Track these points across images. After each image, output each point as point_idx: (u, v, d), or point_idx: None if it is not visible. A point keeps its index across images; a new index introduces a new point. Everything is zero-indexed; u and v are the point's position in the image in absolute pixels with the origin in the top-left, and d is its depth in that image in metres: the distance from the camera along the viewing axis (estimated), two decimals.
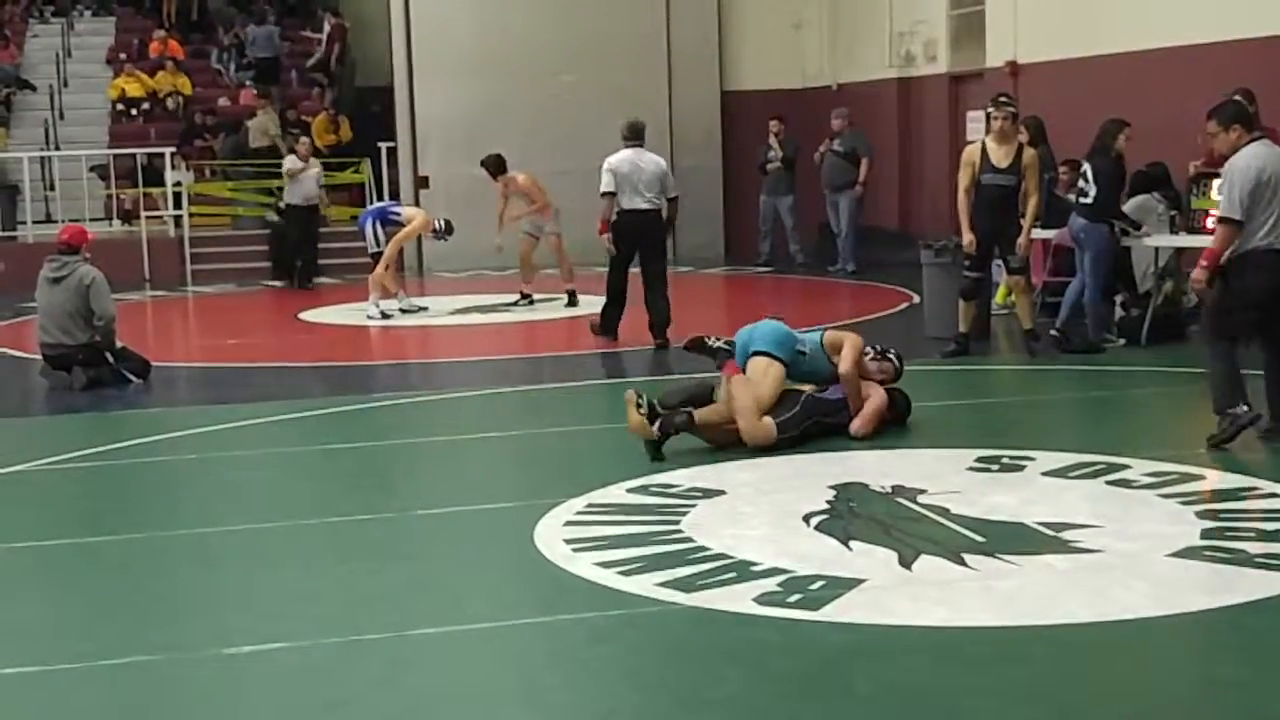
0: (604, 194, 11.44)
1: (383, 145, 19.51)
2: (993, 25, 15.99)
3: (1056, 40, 14.80)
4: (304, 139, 17.15)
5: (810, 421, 7.53)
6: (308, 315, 14.42)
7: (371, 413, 9.16)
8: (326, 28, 23.75)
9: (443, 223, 14.21)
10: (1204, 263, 7.10)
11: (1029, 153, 10.34)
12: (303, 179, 16.38)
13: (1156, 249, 10.92)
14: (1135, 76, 13.26)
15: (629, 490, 6.65)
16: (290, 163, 16.58)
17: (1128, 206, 10.99)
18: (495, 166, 14.24)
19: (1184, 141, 11.59)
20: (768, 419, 7.42)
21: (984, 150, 10.23)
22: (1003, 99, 10.41)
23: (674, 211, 11.69)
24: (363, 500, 6.70)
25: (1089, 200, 10.64)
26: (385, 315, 13.73)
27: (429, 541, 6.02)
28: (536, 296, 14.50)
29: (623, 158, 11.45)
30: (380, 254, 13.80)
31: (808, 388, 7.73)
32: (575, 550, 5.64)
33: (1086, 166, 10.75)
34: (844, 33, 19.03)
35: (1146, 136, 11.27)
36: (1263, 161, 7.00)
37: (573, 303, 14.28)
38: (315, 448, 8.18)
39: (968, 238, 10.28)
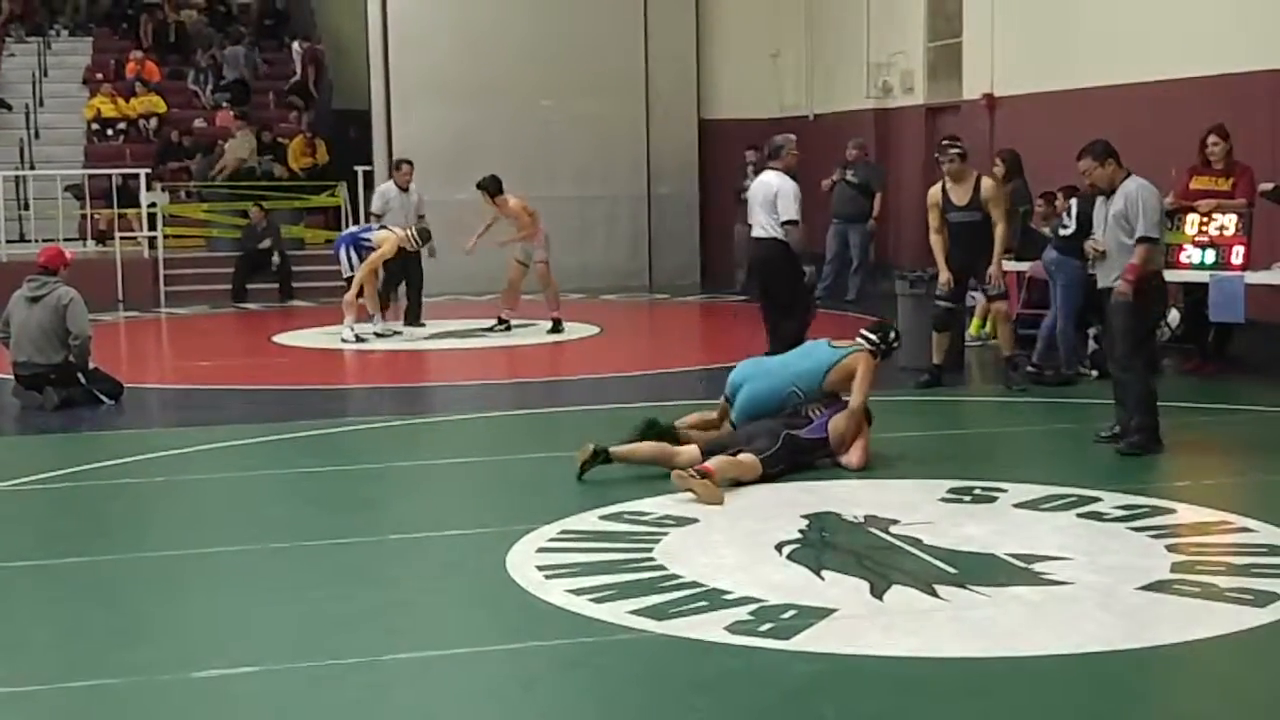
0: (791, 221, 10.70)
1: (359, 169, 19.53)
2: (969, 58, 16.14)
3: (1032, 73, 14.94)
4: (405, 164, 14.93)
5: (786, 465, 7.53)
6: (282, 338, 14.40)
7: (345, 436, 9.15)
8: (298, 50, 23.78)
9: (416, 234, 14.14)
10: (1129, 277, 7.69)
11: (986, 185, 10.43)
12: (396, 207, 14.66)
13: None
14: (1110, 111, 13.38)
15: (602, 517, 6.66)
16: (383, 194, 14.79)
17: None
18: (494, 187, 14.19)
19: (1158, 176, 11.66)
20: (747, 456, 7.40)
21: (944, 190, 10.38)
22: (945, 142, 10.55)
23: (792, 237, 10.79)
24: (336, 524, 6.69)
25: (1067, 233, 10.74)
26: (360, 338, 13.72)
27: (402, 566, 6.02)
28: (515, 322, 14.51)
29: (753, 183, 11.12)
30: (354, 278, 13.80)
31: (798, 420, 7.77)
32: (547, 577, 5.65)
33: (1073, 201, 10.86)
34: (821, 63, 19.17)
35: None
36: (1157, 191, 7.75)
37: (557, 329, 14.28)
38: (288, 471, 8.16)
39: (944, 275, 10.38)
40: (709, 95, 20.08)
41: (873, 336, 7.91)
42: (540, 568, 5.78)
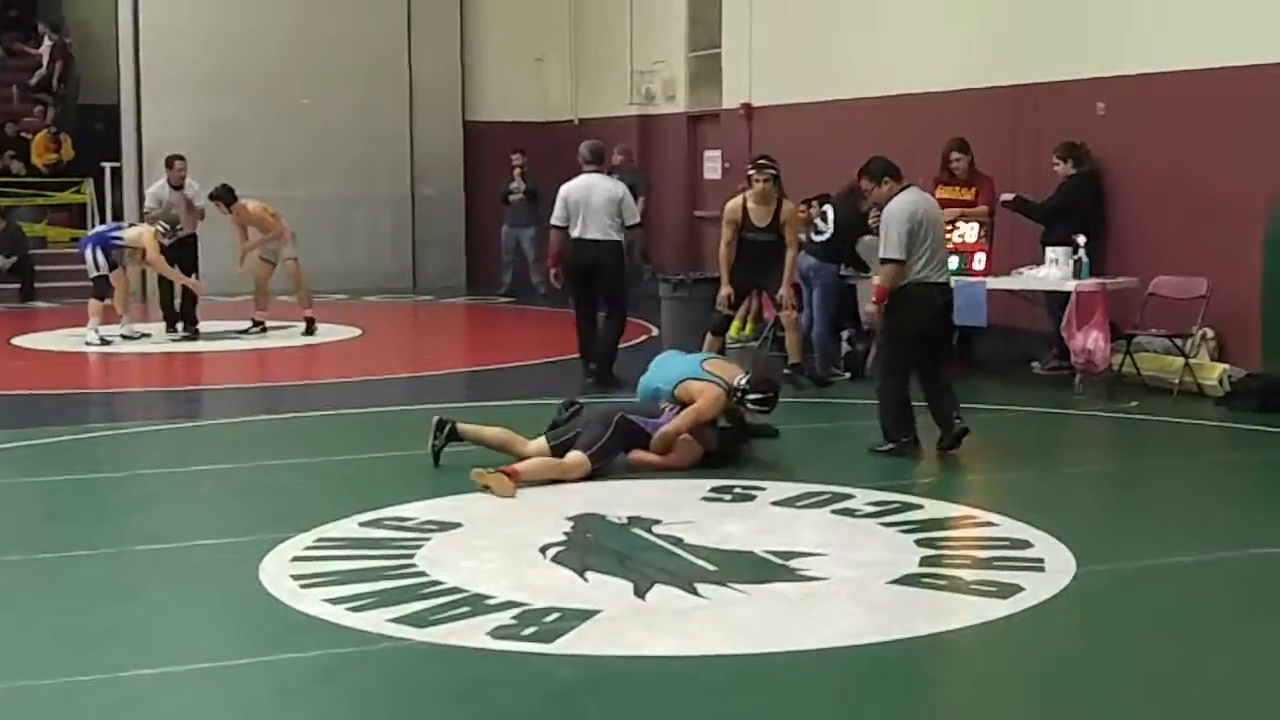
0: (554, 226, 10.85)
1: (107, 165, 18.74)
2: (728, 69, 16.43)
3: (789, 85, 15.31)
4: (178, 160, 14.04)
5: (620, 448, 7.54)
6: (22, 340, 13.70)
7: (88, 444, 8.74)
8: (47, 44, 22.70)
9: (165, 225, 13.53)
10: (874, 298, 7.97)
11: (788, 208, 10.37)
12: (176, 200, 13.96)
13: None
14: (864, 122, 13.80)
15: (362, 524, 6.50)
16: (155, 195, 14.03)
17: (859, 246, 11.37)
18: (226, 197, 13.76)
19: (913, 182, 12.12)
20: (575, 454, 7.39)
21: (745, 208, 10.36)
22: (763, 161, 10.37)
23: (637, 237, 10.92)
24: (76, 536, 6.36)
25: (823, 238, 10.99)
26: (105, 341, 13.14)
27: (148, 578, 5.75)
28: (271, 324, 14.13)
29: (576, 185, 10.89)
30: (101, 278, 13.17)
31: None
32: (303, 586, 5.48)
33: (828, 208, 11.10)
34: (586, 68, 19.25)
35: None
36: (914, 206, 7.88)
37: (310, 331, 13.96)
38: (24, 480, 7.74)
39: (725, 290, 10.35)
40: (474, 97, 19.94)
41: (739, 380, 7.84)
42: (296, 577, 5.61)
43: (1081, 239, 10.40)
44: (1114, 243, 11.11)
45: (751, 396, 7.76)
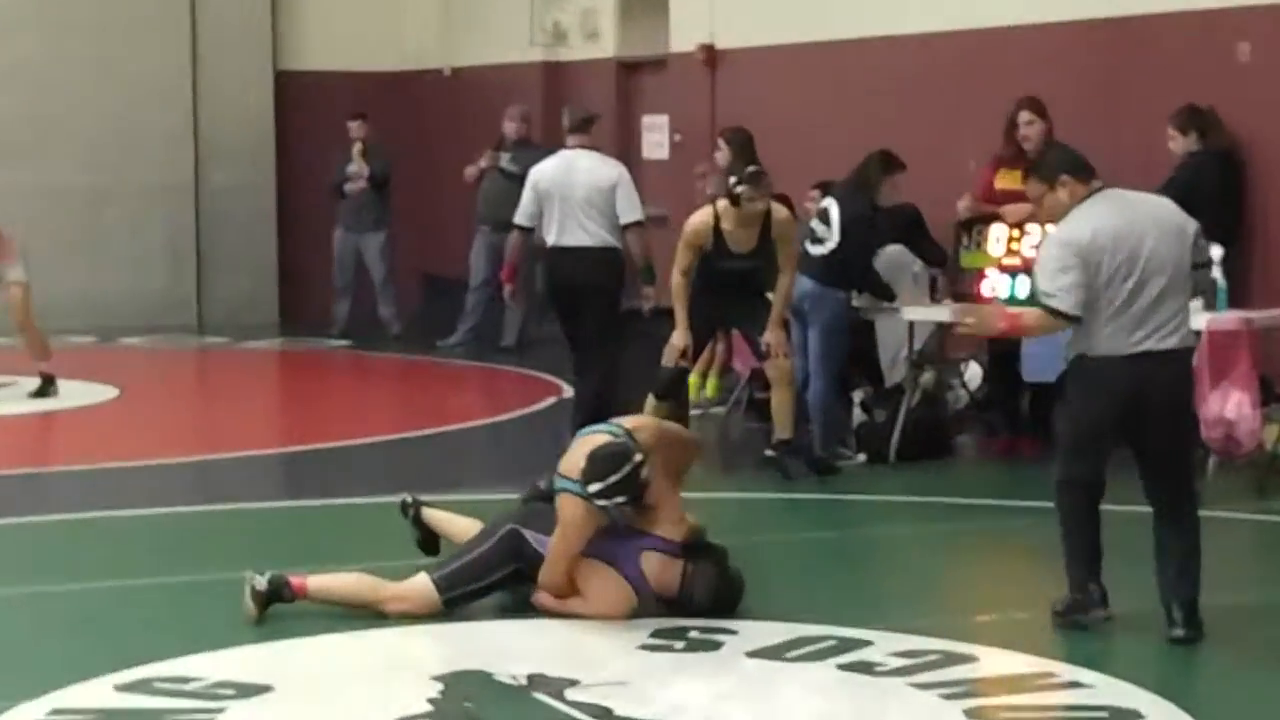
0: (515, 225, 11.09)
1: None
2: None
3: (766, 19, 15.33)
4: None
5: (492, 584, 7.51)
6: None
7: None
8: None
9: None
10: (1003, 324, 7.88)
11: (781, 219, 10.44)
12: None
13: (911, 325, 11.41)
14: (872, 71, 13.88)
15: (119, 687, 6.48)
16: None
17: (879, 261, 11.46)
18: None
19: (946, 167, 12.23)
20: (417, 577, 7.41)
21: (718, 229, 10.37)
22: (758, 171, 10.40)
23: (639, 246, 11.11)
24: None
25: (824, 249, 10.96)
26: None
27: None
28: None
29: (550, 167, 11.08)
30: None
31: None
32: None
33: (829, 204, 11.10)
34: None
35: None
36: (1094, 227, 7.23)
37: (46, 391, 13.79)
38: None
39: (682, 339, 10.39)
40: (291, 38, 19.95)
41: (573, 481, 7.44)
42: None
43: (1215, 251, 10.52)
44: (1261, 257, 11.25)
45: (591, 489, 7.28)
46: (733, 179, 10.45)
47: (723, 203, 10.36)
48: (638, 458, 7.23)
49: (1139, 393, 7.17)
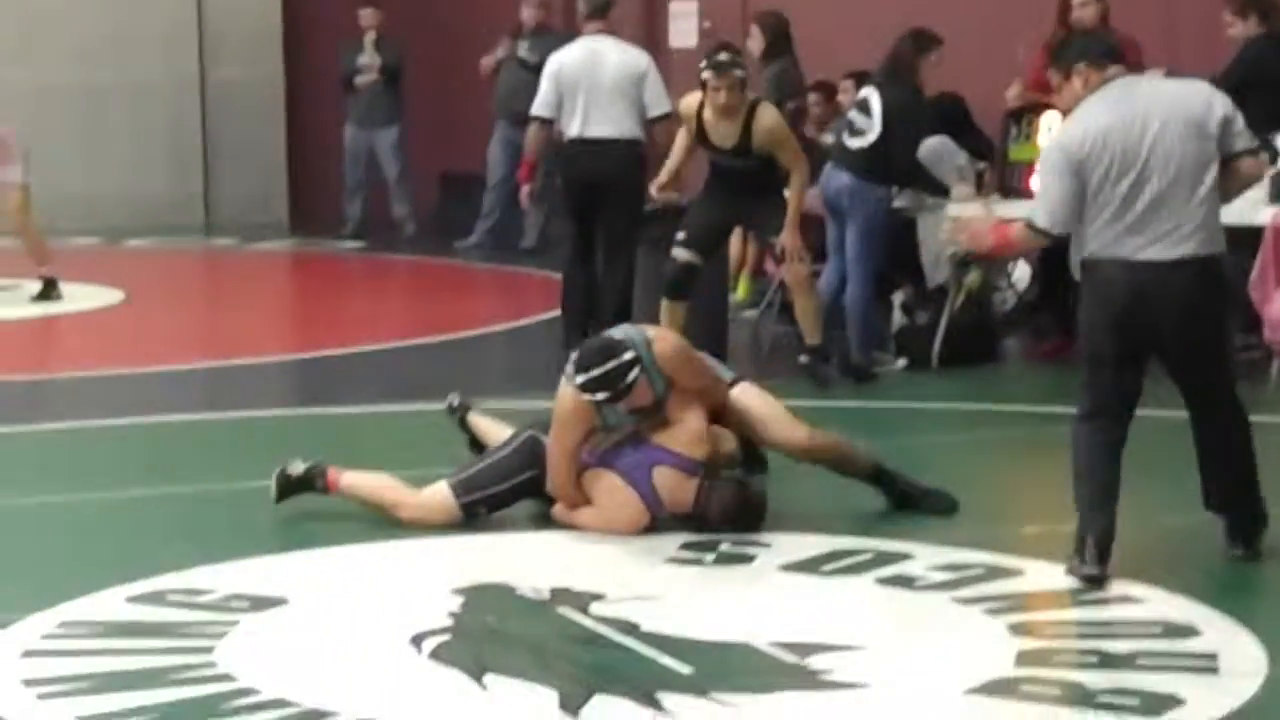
0: (534, 117, 11.05)
1: None
2: None
3: None
4: None
5: (513, 492, 7.51)
6: None
7: None
8: None
9: None
10: (992, 239, 7.36)
11: (765, 120, 10.13)
12: None
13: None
14: None
15: (131, 599, 6.53)
16: None
17: (922, 152, 11.37)
18: None
19: (994, 54, 12.13)
20: (435, 486, 7.43)
21: (700, 118, 10.25)
22: (723, 56, 10.16)
23: (668, 140, 10.93)
24: None
25: (865, 141, 10.88)
26: None
27: None
28: None
29: (574, 55, 11.04)
30: None
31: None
32: (41, 697, 5.53)
33: (869, 93, 11.01)
34: None
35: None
36: (1085, 126, 6.92)
37: (49, 294, 13.86)
38: None
39: (664, 178, 10.46)
40: None
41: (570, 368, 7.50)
42: (29, 682, 5.65)
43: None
44: None
45: (578, 379, 7.30)
46: (702, 63, 10.28)
47: (706, 96, 10.18)
48: (628, 355, 7.21)
49: (1141, 307, 6.75)
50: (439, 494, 7.44)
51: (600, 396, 7.24)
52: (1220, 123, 6.82)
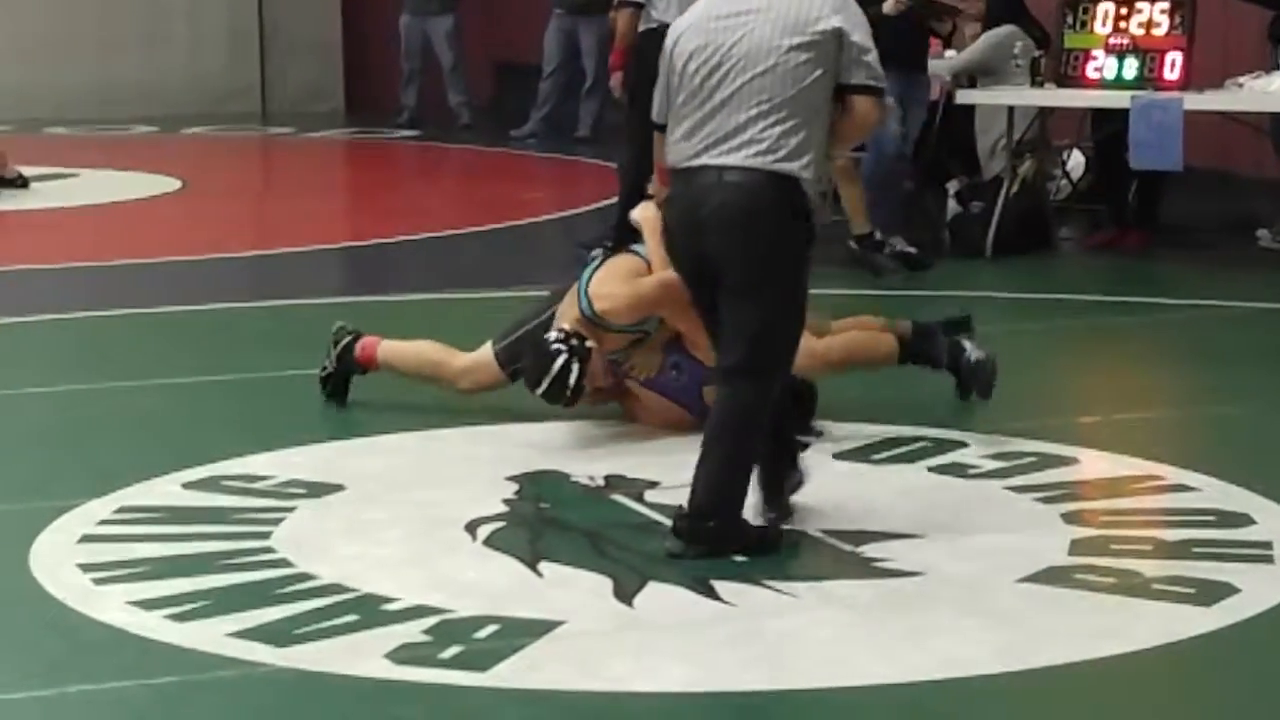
0: (625, 3, 10.76)
1: None
2: None
3: None
4: None
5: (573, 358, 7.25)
6: None
7: None
8: None
9: None
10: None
11: None
12: None
13: (1011, 110, 11.32)
14: None
15: (187, 485, 6.57)
16: None
17: (977, 45, 11.34)
18: None
19: None
20: (485, 350, 7.35)
21: None
22: None
23: None
24: None
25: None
26: None
27: None
28: (31, 173, 14.15)
29: None
30: None
31: None
32: (97, 582, 5.56)
33: None
34: None
35: None
36: (687, 18, 6.22)
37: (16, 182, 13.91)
38: None
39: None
40: None
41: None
42: (85, 567, 5.68)
43: None
44: None
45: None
46: None
47: None
48: (556, 365, 6.87)
49: (689, 221, 5.88)
50: (490, 360, 7.35)
51: (564, 400, 7.03)
52: (832, 34, 5.79)
